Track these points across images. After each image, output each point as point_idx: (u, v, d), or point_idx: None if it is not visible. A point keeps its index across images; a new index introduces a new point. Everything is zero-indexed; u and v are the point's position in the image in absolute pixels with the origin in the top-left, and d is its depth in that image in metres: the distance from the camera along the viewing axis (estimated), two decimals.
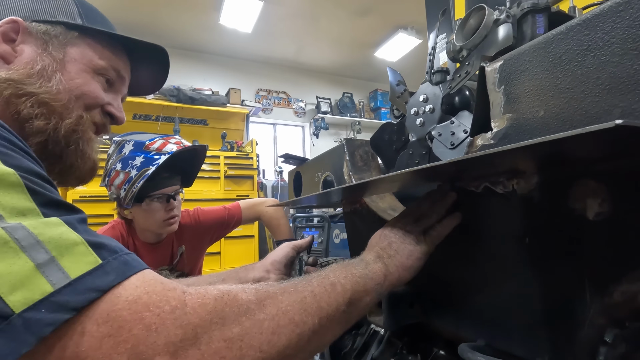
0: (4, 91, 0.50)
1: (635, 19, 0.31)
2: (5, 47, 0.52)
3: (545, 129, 0.39)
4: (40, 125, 0.51)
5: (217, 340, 0.31)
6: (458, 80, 0.64)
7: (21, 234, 0.29)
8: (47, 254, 0.29)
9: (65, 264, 0.29)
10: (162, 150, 1.10)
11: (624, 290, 0.50)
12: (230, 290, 0.36)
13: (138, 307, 0.30)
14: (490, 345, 0.51)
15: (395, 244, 0.53)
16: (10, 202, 0.30)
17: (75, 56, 0.56)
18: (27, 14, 0.55)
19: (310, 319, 0.38)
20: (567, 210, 0.46)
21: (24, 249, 0.28)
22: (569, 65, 0.37)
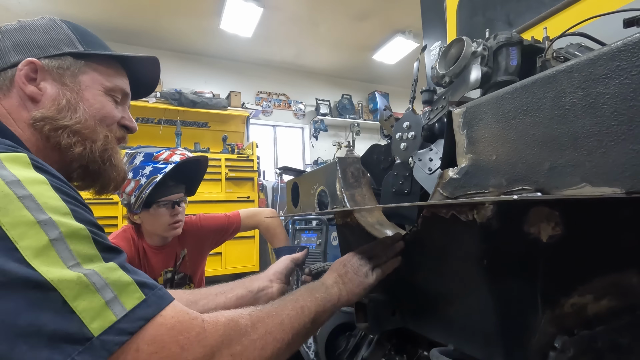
0: (43, 128, 0.57)
1: (560, 91, 0.39)
2: (32, 88, 0.58)
3: (496, 171, 0.47)
4: (79, 151, 0.60)
5: (226, 356, 0.44)
6: (435, 113, 0.72)
7: (96, 278, 0.40)
8: (112, 293, 0.40)
9: (123, 300, 0.41)
10: (168, 160, 1.20)
11: (573, 303, 0.58)
12: (233, 317, 0.49)
13: (174, 333, 0.42)
14: (458, 349, 0.59)
15: (350, 274, 0.68)
16: (83, 251, 0.41)
17: (87, 83, 0.63)
18: (37, 52, 0.60)
19: (286, 335, 0.52)
20: (522, 234, 0.53)
21: (98, 290, 0.39)
22: (513, 121, 0.44)
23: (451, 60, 0.87)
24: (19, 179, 0.41)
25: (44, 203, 0.41)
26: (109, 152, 0.64)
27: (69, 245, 0.40)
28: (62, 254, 0.39)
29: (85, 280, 0.39)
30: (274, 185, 4.55)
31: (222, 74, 4.95)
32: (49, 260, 0.38)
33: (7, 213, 0.38)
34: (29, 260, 0.37)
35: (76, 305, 0.37)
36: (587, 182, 0.36)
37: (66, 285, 0.38)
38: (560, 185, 0.39)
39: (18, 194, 0.40)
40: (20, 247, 0.37)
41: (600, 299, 0.60)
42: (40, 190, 0.42)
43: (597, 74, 0.35)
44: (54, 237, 0.39)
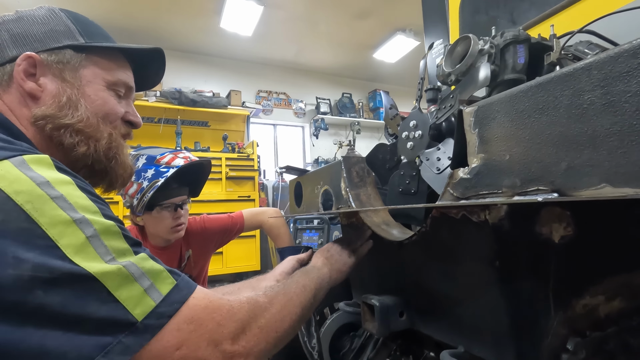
0: (45, 127, 0.55)
1: (578, 89, 0.38)
2: (32, 85, 0.55)
3: (509, 171, 0.46)
4: (83, 151, 0.58)
5: (255, 328, 0.50)
6: (443, 112, 0.71)
7: (134, 269, 0.43)
8: (148, 280, 0.44)
9: (159, 286, 0.44)
10: (170, 164, 1.18)
11: (585, 304, 0.57)
12: (253, 296, 0.54)
13: (209, 311, 0.46)
14: (468, 351, 0.58)
15: (335, 256, 0.81)
16: (116, 246, 0.44)
17: (89, 78, 0.59)
18: (36, 45, 0.56)
19: (297, 309, 0.59)
20: (534, 235, 0.53)
21: (137, 280, 0.43)
22: (528, 119, 0.43)
23: (457, 59, 0.86)
24: (48, 180, 0.42)
25: (75, 202, 0.43)
26: (114, 150, 0.62)
27: (104, 241, 0.43)
28: (99, 250, 0.42)
29: (125, 272, 0.42)
30: (274, 185, 4.54)
31: (222, 73, 4.93)
32: (88, 256, 0.41)
33: (43, 213, 0.40)
34: (71, 257, 0.40)
35: (119, 295, 0.41)
36: (607, 183, 0.35)
37: (109, 277, 0.40)
38: (578, 185, 0.38)
39: (50, 194, 0.41)
40: (61, 245, 0.39)
41: (612, 300, 0.60)
42: (68, 190, 0.44)
43: (618, 71, 0.34)
44: (90, 235, 0.42)
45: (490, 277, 0.53)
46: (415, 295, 0.70)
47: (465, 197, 0.53)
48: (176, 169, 1.17)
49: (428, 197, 0.76)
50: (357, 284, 1.01)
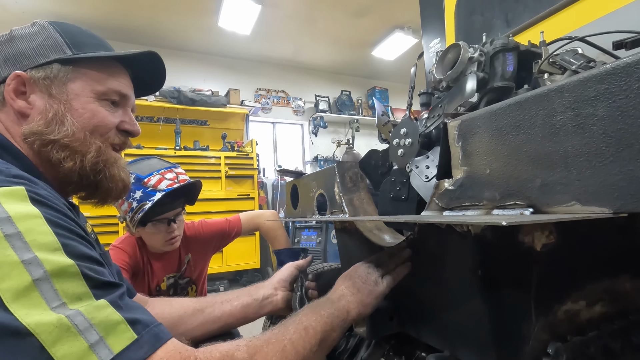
0: (33, 144, 0.55)
1: (551, 110, 0.40)
2: (21, 103, 0.56)
3: (490, 185, 0.48)
4: (70, 166, 0.57)
5: None
6: (432, 121, 0.72)
7: (79, 320, 0.37)
8: (97, 335, 0.38)
9: (110, 342, 0.38)
10: (157, 188, 1.19)
11: (566, 310, 0.59)
12: (229, 351, 0.46)
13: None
14: (454, 355, 0.60)
15: (358, 283, 0.65)
16: (70, 290, 0.39)
17: (76, 91, 0.58)
18: (26, 63, 0.57)
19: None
20: (516, 244, 0.54)
21: (81, 333, 0.37)
22: (507, 136, 0.45)
23: (448, 66, 0.88)
24: (10, 216, 0.39)
25: (32, 240, 0.39)
26: (102, 165, 0.60)
27: (54, 285, 0.38)
28: (46, 295, 0.37)
29: (66, 323, 0.36)
30: (274, 183, 4.56)
31: (220, 72, 4.93)
32: (30, 302, 0.36)
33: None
34: (8, 303, 0.35)
35: (55, 351, 0.35)
36: (577, 201, 0.37)
37: (44, 329, 0.35)
38: (551, 202, 0.40)
39: (6, 232, 0.38)
40: (0, 289, 0.36)
41: (593, 305, 0.62)
42: (31, 226, 0.40)
43: (587, 95, 0.36)
44: (37, 277, 0.37)
45: (473, 284, 0.55)
46: (404, 300, 0.72)
47: (449, 208, 0.55)
48: (163, 192, 1.18)
49: (418, 203, 0.78)
50: None
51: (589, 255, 0.60)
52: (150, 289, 1.31)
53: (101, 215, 3.15)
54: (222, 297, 0.86)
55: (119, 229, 3.35)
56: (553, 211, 0.40)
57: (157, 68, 0.72)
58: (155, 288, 1.33)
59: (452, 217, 0.46)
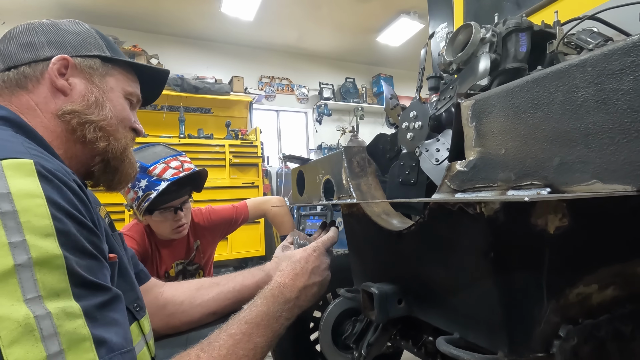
0: (71, 120, 0.60)
1: (572, 86, 0.38)
2: (63, 82, 0.61)
3: (505, 165, 0.47)
4: (103, 146, 0.64)
5: None
6: (443, 103, 0.71)
7: (46, 324, 0.35)
8: (59, 346, 0.35)
9: (69, 357, 0.35)
10: (161, 177, 1.19)
11: (578, 293, 0.59)
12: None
13: None
14: (463, 338, 0.60)
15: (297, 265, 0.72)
16: (50, 283, 0.37)
17: (112, 85, 0.67)
18: (70, 50, 0.63)
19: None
20: (529, 226, 0.54)
21: (43, 339, 0.34)
22: (524, 114, 0.44)
23: (459, 47, 0.86)
24: (10, 192, 0.38)
25: (26, 221, 0.37)
26: (128, 152, 0.68)
27: (35, 274, 0.36)
28: (24, 283, 0.35)
29: (32, 324, 0.34)
30: (278, 171, 4.56)
31: (224, 59, 4.89)
32: (5, 289, 0.34)
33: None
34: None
35: (9, 353, 0.32)
36: (598, 179, 0.36)
37: (7, 325, 0.33)
38: (570, 181, 0.39)
39: (2, 208, 0.37)
40: None
41: (605, 289, 0.61)
42: (28, 205, 0.39)
43: (611, 69, 0.34)
44: (20, 262, 0.35)
45: (485, 267, 0.54)
46: (413, 283, 0.72)
47: (462, 190, 0.54)
48: (168, 182, 1.18)
49: (427, 187, 0.77)
50: (358, 272, 1.04)
51: (601, 239, 0.59)
52: (158, 276, 1.33)
53: (108, 203, 3.18)
54: (235, 273, 0.92)
55: (125, 217, 3.37)
56: (572, 190, 0.39)
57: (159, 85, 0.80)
58: (164, 274, 1.34)
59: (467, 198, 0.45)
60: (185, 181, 1.26)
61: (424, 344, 0.89)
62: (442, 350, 0.57)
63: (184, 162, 1.27)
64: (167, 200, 1.22)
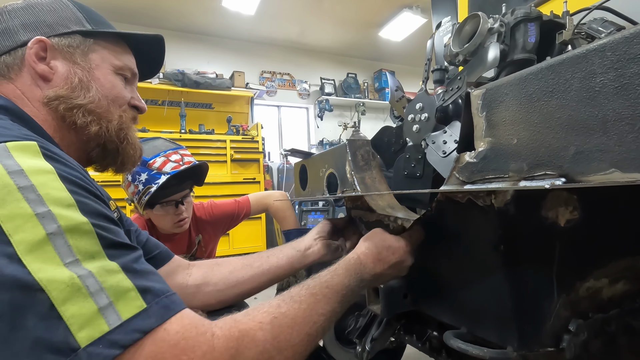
0: (58, 107, 0.57)
1: (590, 72, 0.37)
2: (43, 67, 0.57)
3: (517, 156, 0.45)
4: (96, 130, 0.60)
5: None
6: (450, 94, 0.70)
7: (90, 281, 0.36)
8: (107, 299, 0.36)
9: (119, 308, 0.37)
10: (162, 170, 1.18)
11: (589, 287, 0.58)
12: (250, 330, 0.43)
13: (177, 352, 0.37)
14: (471, 332, 0.59)
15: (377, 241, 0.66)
16: (84, 247, 0.38)
17: (97, 62, 0.61)
18: (46, 30, 0.59)
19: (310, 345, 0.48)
20: (539, 219, 0.53)
21: (92, 295, 0.36)
22: (537, 103, 0.43)
23: (466, 38, 0.84)
24: (23, 169, 0.39)
25: (45, 194, 0.38)
26: (125, 132, 0.64)
27: (68, 240, 0.37)
28: (60, 250, 0.36)
29: (77, 283, 0.35)
30: (279, 167, 4.55)
31: (225, 54, 4.86)
32: (43, 256, 0.35)
33: (4, 204, 0.36)
34: (21, 255, 0.35)
35: (64, 310, 0.34)
36: (616, 168, 0.35)
37: (56, 286, 0.34)
38: (587, 170, 0.38)
39: (19, 184, 0.38)
40: (13, 241, 0.35)
41: (616, 283, 0.60)
42: (44, 180, 0.39)
43: (633, 53, 0.33)
44: (51, 231, 0.37)
45: (494, 260, 0.53)
46: (419, 277, 0.71)
47: (471, 182, 0.53)
48: (168, 175, 1.17)
49: (433, 180, 0.76)
50: None
51: (612, 232, 0.58)
52: None
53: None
54: (266, 252, 0.89)
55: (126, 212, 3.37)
56: (588, 180, 0.37)
57: (158, 53, 0.74)
58: None
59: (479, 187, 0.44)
60: (186, 175, 1.25)
61: (428, 339, 0.88)
62: (449, 345, 0.56)
63: (184, 155, 1.26)
64: (167, 194, 1.21)
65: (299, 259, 0.88)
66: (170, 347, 0.37)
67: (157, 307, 0.39)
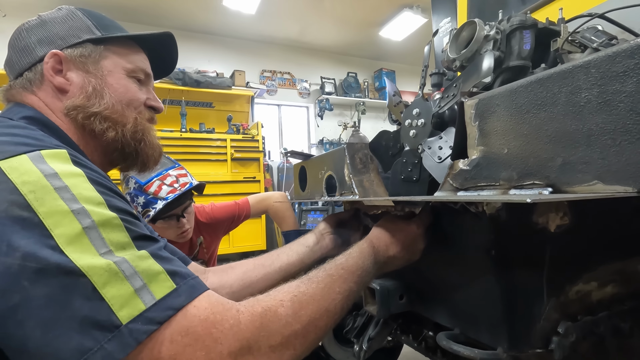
0: (77, 117, 0.60)
1: (575, 87, 0.39)
2: (60, 79, 0.60)
3: (507, 164, 0.47)
4: (112, 135, 0.62)
5: (265, 348, 0.43)
6: (446, 101, 0.71)
7: (125, 266, 0.40)
8: (141, 281, 0.40)
9: (152, 288, 0.41)
10: (157, 195, 1.19)
11: (578, 290, 0.60)
12: (272, 306, 0.46)
13: (207, 325, 0.41)
14: (464, 333, 0.61)
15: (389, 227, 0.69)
16: (115, 239, 0.42)
17: (109, 68, 0.64)
18: (60, 43, 0.61)
19: (330, 321, 0.51)
20: (530, 225, 0.54)
21: (127, 278, 0.40)
22: (527, 114, 0.44)
23: (462, 44, 0.86)
24: (57, 172, 0.43)
25: (78, 194, 0.43)
26: (140, 134, 0.66)
27: (102, 233, 0.41)
28: (95, 242, 0.40)
29: (114, 268, 0.39)
30: (279, 166, 4.56)
31: (225, 53, 4.86)
32: (81, 247, 0.40)
33: (43, 203, 0.40)
34: (63, 247, 0.39)
35: (105, 292, 0.38)
36: (599, 180, 0.37)
37: (96, 272, 0.38)
38: (572, 181, 0.39)
39: (55, 185, 0.42)
40: (54, 234, 0.39)
41: (605, 286, 0.62)
42: (75, 182, 0.44)
43: (615, 71, 0.35)
44: (86, 225, 0.41)
45: (486, 264, 0.55)
46: (415, 279, 0.73)
47: (464, 188, 0.55)
48: (165, 201, 1.17)
49: (429, 184, 0.77)
50: None
51: (602, 237, 0.60)
52: None
53: None
54: (277, 251, 0.92)
55: None
56: (573, 190, 0.39)
57: (171, 50, 0.76)
58: None
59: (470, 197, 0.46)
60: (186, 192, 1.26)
61: (424, 339, 0.90)
62: (442, 346, 0.58)
63: (179, 176, 1.25)
64: (167, 210, 1.22)
65: (308, 254, 0.91)
66: (201, 321, 0.41)
67: (186, 287, 0.43)
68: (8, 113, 0.58)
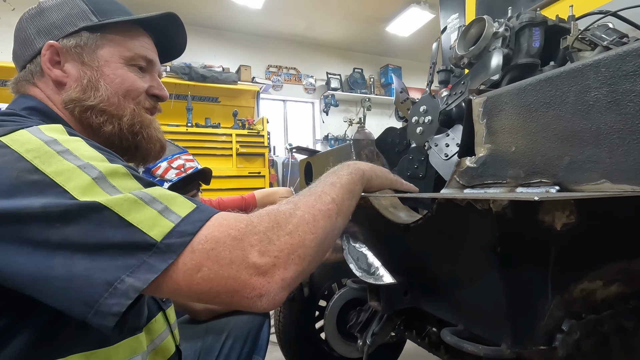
0: (74, 111, 0.58)
1: (585, 86, 0.39)
2: (57, 72, 0.58)
3: (514, 163, 0.47)
4: (109, 129, 0.60)
5: (283, 235, 0.45)
6: (454, 98, 0.71)
7: (142, 194, 0.42)
8: (161, 204, 0.42)
9: (175, 209, 0.42)
10: (164, 178, 1.20)
11: (583, 288, 0.60)
12: (273, 207, 0.49)
13: (223, 228, 0.43)
14: (468, 329, 0.62)
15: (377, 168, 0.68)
16: (126, 185, 0.44)
17: (106, 57, 0.60)
18: (57, 33, 0.59)
19: (330, 205, 0.52)
20: (536, 223, 0.54)
21: (148, 203, 0.42)
22: (535, 113, 0.44)
23: (471, 41, 0.85)
24: (56, 139, 0.44)
25: (80, 154, 0.44)
26: (138, 126, 0.63)
27: (111, 182, 0.43)
28: (107, 189, 0.42)
29: (132, 197, 0.41)
30: (284, 161, 4.57)
31: (231, 47, 4.86)
32: (96, 191, 0.41)
33: (50, 165, 0.42)
34: (79, 197, 0.40)
35: (132, 219, 0.40)
36: (607, 179, 0.37)
37: (117, 202, 0.40)
38: (579, 180, 0.39)
39: (57, 149, 0.43)
40: (68, 188, 0.40)
41: (610, 285, 0.62)
42: (75, 145, 0.45)
43: (625, 70, 0.35)
44: (95, 176, 0.42)
45: (491, 262, 0.55)
46: (419, 275, 0.73)
47: (470, 186, 0.55)
48: (171, 182, 1.18)
49: (435, 181, 0.78)
50: None
51: (608, 236, 0.60)
52: None
53: None
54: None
55: None
56: (580, 189, 0.39)
57: (178, 32, 0.72)
58: None
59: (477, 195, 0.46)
60: (191, 177, 1.27)
61: (427, 335, 0.91)
62: (446, 341, 0.58)
63: (186, 160, 1.26)
64: None
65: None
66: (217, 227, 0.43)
67: (204, 207, 0.45)
68: (13, 105, 0.59)
